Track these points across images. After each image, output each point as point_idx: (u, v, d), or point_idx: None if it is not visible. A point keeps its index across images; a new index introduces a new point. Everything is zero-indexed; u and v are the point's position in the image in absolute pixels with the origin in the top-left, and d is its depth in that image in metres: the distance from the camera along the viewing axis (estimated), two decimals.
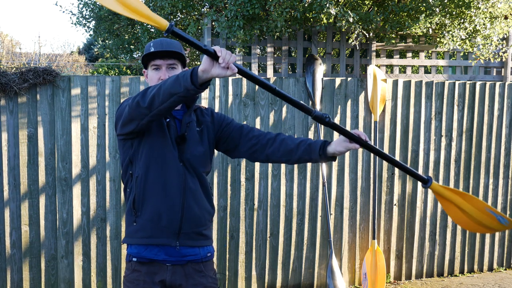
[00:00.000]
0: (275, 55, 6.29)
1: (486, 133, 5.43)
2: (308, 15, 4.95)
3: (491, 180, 5.48)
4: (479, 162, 5.42)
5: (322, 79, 4.78)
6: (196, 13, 5.67)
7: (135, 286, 2.31)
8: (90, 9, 7.04)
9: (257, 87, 4.59)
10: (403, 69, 7.75)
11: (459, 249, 5.43)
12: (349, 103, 4.91)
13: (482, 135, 5.41)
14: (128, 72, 13.38)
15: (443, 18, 4.81)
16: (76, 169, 4.19)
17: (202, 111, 2.46)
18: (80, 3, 7.06)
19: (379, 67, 5.24)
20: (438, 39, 5.10)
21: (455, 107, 5.28)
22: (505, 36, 5.51)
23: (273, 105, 4.64)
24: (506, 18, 5.23)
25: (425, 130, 5.18)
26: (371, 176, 4.97)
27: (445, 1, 4.73)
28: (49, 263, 4.18)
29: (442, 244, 5.35)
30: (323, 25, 5.18)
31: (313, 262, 4.88)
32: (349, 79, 4.92)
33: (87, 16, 7.14)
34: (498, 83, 5.47)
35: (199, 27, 5.11)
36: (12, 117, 4.04)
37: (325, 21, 5.05)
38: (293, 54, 6.44)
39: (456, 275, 5.41)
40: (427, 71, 8.28)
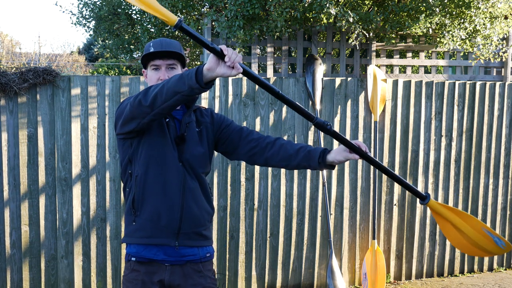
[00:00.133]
0: (275, 55, 6.29)
1: (486, 133, 5.43)
2: (308, 15, 4.95)
3: (491, 180, 5.48)
4: (479, 162, 5.42)
5: (322, 79, 4.78)
6: (196, 13, 5.67)
7: (134, 286, 2.31)
8: (90, 9, 7.04)
9: (257, 87, 4.59)
10: (403, 69, 7.75)
11: None
12: (349, 103, 4.91)
13: (482, 135, 5.41)
14: (128, 72, 13.38)
15: (443, 18, 4.81)
16: (76, 169, 4.19)
17: (201, 112, 2.46)
18: (80, 3, 7.06)
19: (379, 67, 5.24)
20: (438, 39, 5.10)
21: (455, 107, 5.28)
22: (505, 36, 5.51)
23: (273, 105, 4.64)
24: (506, 18, 5.23)
25: (425, 130, 5.18)
26: (371, 176, 4.97)
27: (445, 1, 4.73)
28: (49, 263, 4.18)
29: (442, 244, 5.34)
30: (323, 25, 5.18)
31: (313, 262, 4.88)
32: (349, 79, 4.92)
33: (87, 16, 7.14)
34: (498, 83, 5.47)
35: (199, 27, 5.11)
36: (12, 117, 4.04)
37: (325, 21, 5.05)
38: (293, 54, 6.44)
39: (456, 275, 5.41)
40: (427, 71, 8.28)
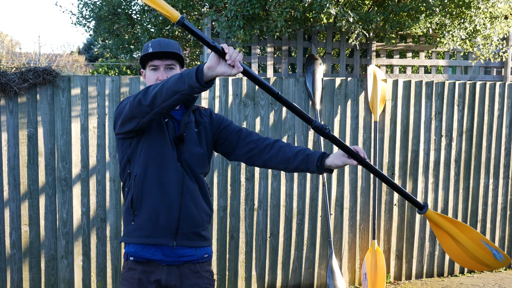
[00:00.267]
0: (275, 55, 6.29)
1: (486, 133, 5.43)
2: (308, 15, 4.95)
3: (491, 180, 5.48)
4: (479, 162, 5.42)
5: (322, 79, 4.78)
6: (196, 13, 5.67)
7: (130, 284, 2.31)
8: (90, 9, 7.04)
9: (257, 87, 4.58)
10: (403, 69, 7.74)
11: None
12: (349, 103, 4.91)
13: (482, 135, 5.41)
14: (128, 72, 13.38)
15: (443, 18, 4.81)
16: (76, 169, 4.19)
17: (201, 112, 2.45)
18: (80, 3, 7.06)
19: (379, 67, 5.24)
20: (438, 39, 5.10)
21: (455, 107, 5.28)
22: (505, 36, 5.51)
23: (273, 105, 4.64)
24: (506, 18, 5.23)
25: (425, 130, 5.18)
26: (371, 176, 4.97)
27: (445, 1, 4.73)
28: (49, 263, 4.18)
29: None
30: (323, 25, 5.18)
31: (313, 262, 4.87)
32: (349, 79, 4.92)
33: (87, 16, 7.14)
34: (498, 83, 5.46)
35: (199, 27, 5.11)
36: (12, 117, 4.04)
37: (325, 21, 5.05)
38: (293, 54, 6.44)
39: (456, 275, 5.41)
40: (427, 71, 8.28)
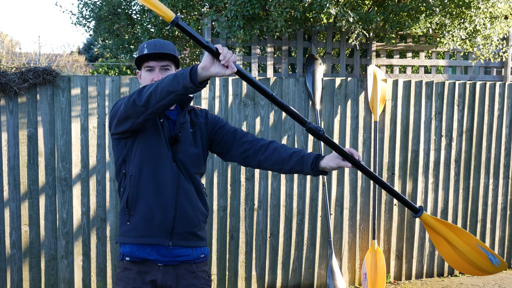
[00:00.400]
0: (275, 55, 6.29)
1: (486, 133, 5.42)
2: (308, 15, 4.95)
3: (491, 180, 5.48)
4: (479, 162, 5.42)
5: (322, 79, 4.78)
6: (196, 13, 5.66)
7: (125, 284, 2.31)
8: (90, 9, 7.04)
9: None
10: (403, 69, 7.74)
11: None
12: (349, 103, 4.91)
13: (482, 135, 5.41)
14: (128, 72, 13.38)
15: (443, 18, 4.80)
16: (76, 169, 4.19)
17: (196, 113, 2.46)
18: (80, 3, 7.06)
19: (379, 67, 5.24)
20: (438, 39, 5.10)
21: (455, 107, 5.28)
22: (505, 36, 5.51)
23: (273, 105, 4.64)
24: (506, 18, 5.23)
25: (425, 130, 5.17)
26: None
27: (445, 1, 4.72)
28: (49, 263, 4.18)
29: None
30: (323, 25, 5.18)
31: (313, 262, 4.87)
32: (349, 79, 4.92)
33: (87, 16, 7.14)
34: (498, 83, 5.46)
35: (199, 27, 5.11)
36: (12, 117, 4.04)
37: (325, 21, 5.05)
38: (293, 54, 6.44)
39: (456, 275, 5.41)
40: (427, 71, 8.28)
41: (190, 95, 2.20)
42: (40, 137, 4.10)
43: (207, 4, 5.64)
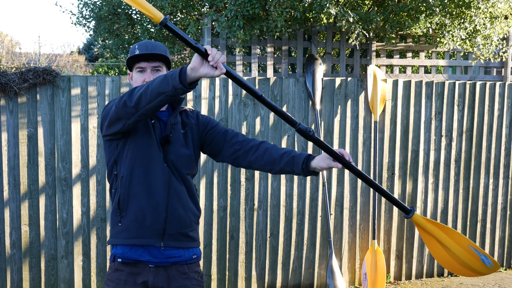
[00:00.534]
0: (275, 55, 6.29)
1: (486, 133, 5.43)
2: (308, 15, 4.95)
3: (491, 180, 5.48)
4: (479, 162, 5.42)
5: (322, 79, 4.78)
6: (196, 13, 5.66)
7: (116, 285, 2.29)
8: (90, 9, 7.04)
9: (256, 87, 4.59)
10: (403, 69, 7.74)
11: None
12: (349, 103, 4.91)
13: (482, 135, 5.41)
14: (128, 72, 13.38)
15: (443, 18, 4.80)
16: (76, 169, 4.19)
17: (187, 114, 2.45)
18: (80, 3, 7.06)
19: (379, 67, 5.24)
20: (438, 39, 5.10)
21: (455, 107, 5.28)
22: (505, 36, 5.51)
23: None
24: (506, 18, 5.23)
25: (425, 130, 5.18)
26: (371, 176, 4.97)
27: (445, 1, 4.73)
28: (49, 263, 4.18)
29: None
30: (323, 25, 5.18)
31: (313, 262, 4.87)
32: (349, 79, 4.92)
33: (87, 16, 7.14)
34: (498, 83, 5.46)
35: (199, 27, 5.11)
36: (12, 117, 4.04)
37: (325, 21, 5.05)
38: (293, 54, 6.44)
39: (456, 275, 5.41)
40: (427, 71, 8.28)
41: (180, 96, 2.20)
42: (40, 137, 4.10)
43: (207, 4, 5.64)
